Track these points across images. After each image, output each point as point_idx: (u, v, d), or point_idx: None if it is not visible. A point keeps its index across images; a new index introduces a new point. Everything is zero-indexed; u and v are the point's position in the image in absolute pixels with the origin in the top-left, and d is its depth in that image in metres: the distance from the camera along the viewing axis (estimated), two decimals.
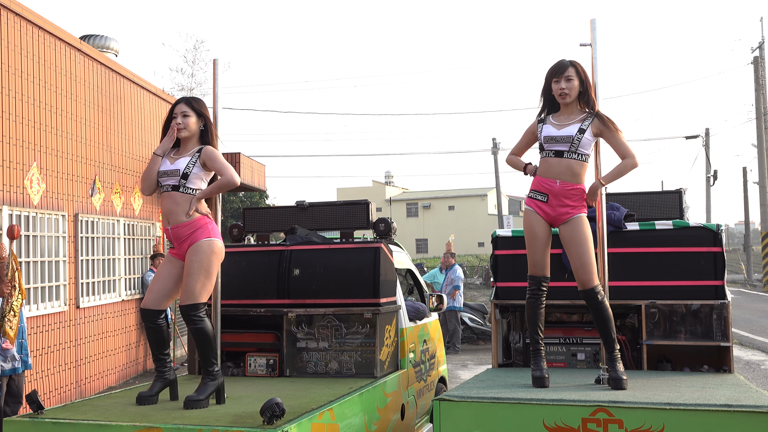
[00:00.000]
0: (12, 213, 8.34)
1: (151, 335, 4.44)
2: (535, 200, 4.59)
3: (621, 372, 4.40)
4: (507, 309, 5.83)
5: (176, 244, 4.39)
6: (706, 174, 34.63)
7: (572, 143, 4.48)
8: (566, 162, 4.49)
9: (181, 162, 4.38)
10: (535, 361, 4.58)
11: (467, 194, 59.90)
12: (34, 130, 8.86)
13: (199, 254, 4.28)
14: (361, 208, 6.12)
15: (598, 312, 4.52)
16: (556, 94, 4.59)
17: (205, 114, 4.48)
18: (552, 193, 4.51)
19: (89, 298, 10.24)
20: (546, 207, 4.54)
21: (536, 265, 4.60)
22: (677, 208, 5.84)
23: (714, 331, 5.30)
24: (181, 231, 4.34)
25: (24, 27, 8.70)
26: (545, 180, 4.54)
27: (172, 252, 4.44)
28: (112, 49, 13.25)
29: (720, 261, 5.33)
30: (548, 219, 4.56)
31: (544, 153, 4.59)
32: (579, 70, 4.58)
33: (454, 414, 4.03)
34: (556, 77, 4.58)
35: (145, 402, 4.24)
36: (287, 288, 5.56)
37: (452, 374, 10.66)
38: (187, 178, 4.34)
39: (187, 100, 4.48)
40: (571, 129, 4.51)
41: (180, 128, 4.41)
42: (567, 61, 4.60)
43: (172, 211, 4.35)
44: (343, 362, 5.45)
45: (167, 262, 4.45)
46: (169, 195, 4.36)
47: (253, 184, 15.38)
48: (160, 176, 4.39)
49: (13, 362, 6.45)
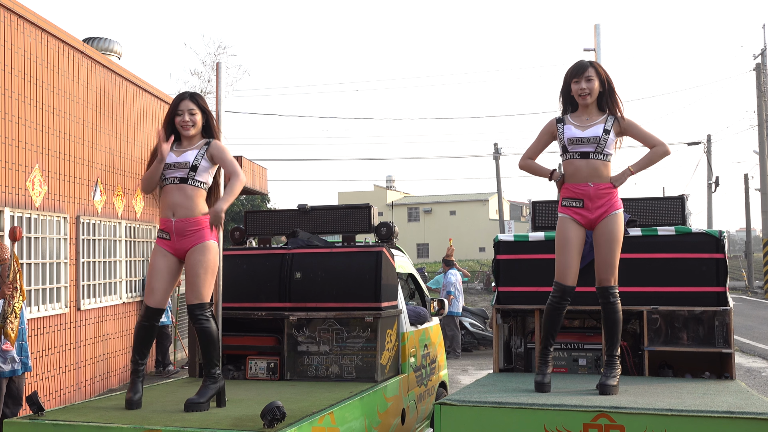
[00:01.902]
0: (14, 215, 8.34)
1: (146, 333, 4.38)
2: (569, 207, 4.53)
3: (614, 377, 4.39)
4: (508, 314, 5.81)
5: (176, 237, 4.30)
6: (708, 180, 34.63)
7: (598, 144, 4.45)
8: (593, 164, 4.46)
9: (189, 155, 4.36)
10: (540, 366, 4.56)
11: (468, 199, 59.88)
12: (36, 132, 8.86)
13: (206, 254, 4.28)
14: (363, 212, 6.12)
15: (611, 312, 4.53)
16: (576, 94, 4.55)
17: (207, 109, 4.48)
18: (587, 196, 4.48)
19: (90, 300, 10.23)
20: (583, 211, 4.50)
21: (566, 272, 4.51)
22: (680, 214, 5.84)
23: (716, 337, 5.29)
24: (186, 225, 4.29)
25: (27, 29, 8.72)
26: (576, 186, 4.50)
27: (165, 244, 4.34)
28: (115, 51, 13.27)
29: (722, 267, 5.32)
30: (586, 222, 4.52)
31: (568, 155, 4.52)
32: (599, 71, 4.57)
33: (455, 419, 4.02)
34: (576, 77, 4.55)
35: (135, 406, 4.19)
36: (288, 291, 5.55)
37: (453, 379, 10.64)
38: (196, 170, 4.32)
39: (191, 96, 4.46)
40: (596, 130, 4.48)
41: (188, 126, 4.40)
42: (587, 62, 4.58)
43: (179, 204, 4.30)
44: (344, 366, 5.44)
45: (161, 256, 4.35)
46: (177, 187, 4.32)
47: (254, 187, 15.39)
48: (165, 169, 4.35)
49: (13, 364, 6.44)
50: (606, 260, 4.50)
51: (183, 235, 4.30)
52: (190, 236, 4.29)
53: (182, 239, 4.31)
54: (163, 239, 4.36)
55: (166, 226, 4.35)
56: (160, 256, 4.35)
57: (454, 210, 60.04)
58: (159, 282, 4.33)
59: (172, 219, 4.32)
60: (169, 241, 4.34)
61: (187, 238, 4.30)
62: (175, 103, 4.45)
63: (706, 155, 34.50)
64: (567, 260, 4.50)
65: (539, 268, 5.56)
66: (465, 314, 14.68)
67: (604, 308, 4.57)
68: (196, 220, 4.30)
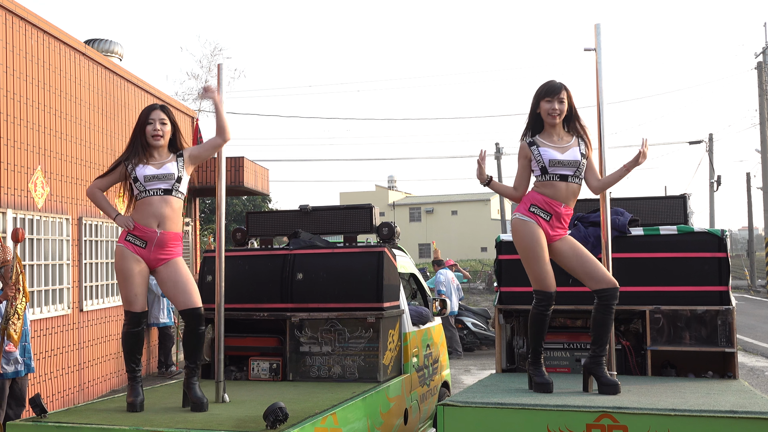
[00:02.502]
0: (16, 216, 8.35)
1: (137, 339, 4.39)
2: (537, 216, 4.50)
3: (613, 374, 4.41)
4: (511, 314, 5.81)
5: (154, 248, 4.29)
6: (710, 179, 34.57)
7: (578, 168, 4.51)
8: (572, 187, 4.52)
9: (170, 166, 4.37)
10: (535, 370, 4.55)
11: (470, 199, 59.83)
12: (38, 133, 8.87)
13: (184, 266, 4.41)
14: (365, 213, 6.12)
15: (607, 313, 4.47)
16: (546, 113, 4.55)
17: (175, 122, 4.50)
18: (555, 214, 4.50)
19: (92, 301, 10.24)
20: (546, 225, 4.50)
21: (546, 278, 4.48)
22: (682, 213, 5.83)
23: (719, 336, 5.28)
24: (170, 239, 4.33)
25: (29, 31, 8.73)
26: (552, 201, 4.50)
27: (138, 251, 4.29)
28: (117, 53, 13.28)
29: (725, 266, 5.31)
30: (546, 236, 4.53)
31: (547, 176, 4.51)
32: (569, 95, 4.61)
33: (457, 419, 4.02)
34: (549, 97, 4.55)
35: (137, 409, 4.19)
36: (290, 292, 5.56)
37: (455, 379, 10.64)
38: (180, 181, 4.37)
39: (162, 107, 4.48)
40: (574, 153, 4.53)
41: (158, 136, 4.38)
42: (559, 83, 4.60)
43: (167, 217, 4.31)
44: (347, 366, 5.44)
45: (135, 262, 4.29)
46: (162, 199, 4.31)
47: (256, 188, 15.39)
48: (146, 180, 4.31)
49: (16, 365, 6.45)
50: (596, 263, 4.51)
51: (162, 248, 4.32)
52: (169, 250, 4.34)
53: (160, 251, 4.32)
54: (137, 246, 4.30)
55: (145, 235, 4.30)
56: (134, 262, 4.30)
57: (455, 210, 60.02)
58: (139, 287, 4.31)
59: (157, 230, 4.30)
60: (144, 250, 4.30)
61: (165, 250, 4.33)
62: (146, 112, 4.43)
63: (708, 154, 34.46)
64: (545, 267, 4.47)
65: None
66: (467, 314, 14.67)
67: (603, 309, 4.46)
68: (178, 234, 4.38)
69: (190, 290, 4.32)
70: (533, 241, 4.46)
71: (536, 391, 4.43)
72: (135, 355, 4.37)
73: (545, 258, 4.48)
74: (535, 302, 4.55)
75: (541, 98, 4.58)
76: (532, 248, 4.47)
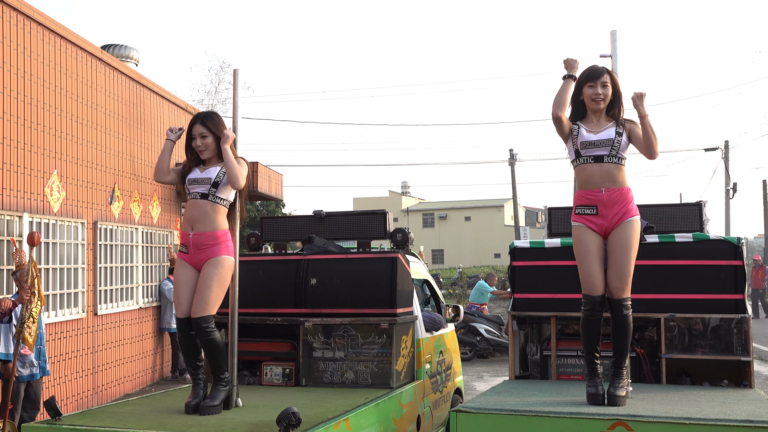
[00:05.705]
0: (32, 220, 8.41)
1: (186, 344, 4.45)
2: (583, 215, 4.41)
3: (622, 388, 4.29)
4: (524, 320, 5.79)
5: (193, 251, 4.41)
6: (726, 186, 34.33)
7: (612, 146, 4.34)
8: (607, 168, 4.34)
9: (211, 171, 4.47)
10: (590, 377, 4.42)
11: (484, 205, 59.74)
12: (54, 138, 8.94)
13: (218, 268, 4.36)
14: (379, 218, 6.12)
15: (621, 325, 4.40)
16: (589, 98, 4.45)
17: (219, 131, 4.52)
18: (600, 203, 4.35)
19: (107, 305, 10.29)
20: (597, 219, 4.37)
21: (592, 283, 4.38)
22: (697, 220, 5.80)
23: (734, 345, 5.24)
24: (203, 240, 4.39)
25: (46, 36, 8.80)
26: (589, 192, 4.38)
27: (185, 257, 4.46)
28: (133, 58, 13.38)
29: (740, 274, 5.27)
30: (601, 230, 4.39)
31: (581, 159, 4.41)
32: (613, 77, 4.50)
33: (470, 426, 4.01)
34: (592, 82, 4.44)
35: (190, 411, 4.24)
36: (304, 297, 5.56)
37: (468, 386, 10.60)
38: (217, 186, 4.42)
39: (202, 121, 4.52)
40: (609, 132, 4.38)
41: (201, 150, 4.50)
42: (602, 67, 4.50)
43: (197, 219, 4.40)
44: (359, 372, 5.44)
45: (183, 267, 4.46)
46: (196, 203, 4.42)
47: (270, 193, 15.43)
48: (189, 183, 4.48)
49: (31, 368, 6.49)
50: (619, 269, 4.34)
51: (199, 249, 4.40)
52: (206, 250, 4.39)
53: (199, 252, 4.41)
54: (183, 252, 4.48)
55: (184, 240, 4.47)
56: (182, 268, 4.47)
57: (469, 216, 59.92)
58: (183, 292, 4.42)
59: (190, 233, 4.43)
60: (187, 255, 4.45)
61: (203, 251, 4.39)
62: (189, 126, 4.57)
63: (724, 161, 34.22)
64: (590, 269, 4.37)
65: (555, 274, 5.54)
66: (480, 320, 14.64)
67: (615, 321, 4.41)
68: (212, 234, 4.39)
69: (201, 296, 4.34)
70: (579, 243, 4.43)
71: (588, 402, 4.31)
72: (189, 359, 4.45)
73: (589, 259, 4.38)
74: (582, 306, 4.47)
75: (583, 84, 4.48)
76: (578, 251, 4.45)
